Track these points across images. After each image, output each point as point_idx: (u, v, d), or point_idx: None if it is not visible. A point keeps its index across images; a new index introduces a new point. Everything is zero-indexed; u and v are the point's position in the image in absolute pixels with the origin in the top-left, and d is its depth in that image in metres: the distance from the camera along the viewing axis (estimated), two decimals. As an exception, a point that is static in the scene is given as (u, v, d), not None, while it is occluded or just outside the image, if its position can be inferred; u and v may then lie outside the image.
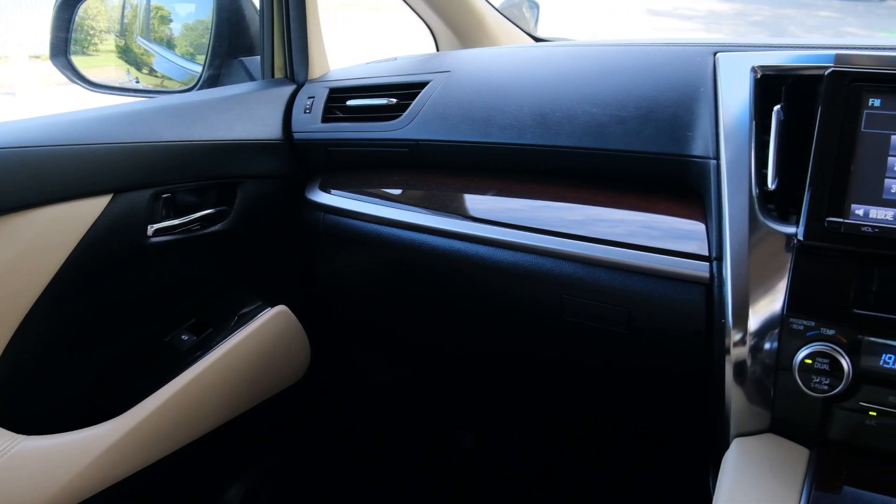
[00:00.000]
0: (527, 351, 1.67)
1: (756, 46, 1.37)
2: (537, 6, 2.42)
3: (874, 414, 1.17)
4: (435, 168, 1.66)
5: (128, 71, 2.24)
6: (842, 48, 1.28)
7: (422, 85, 1.69)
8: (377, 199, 1.69)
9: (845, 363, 1.13)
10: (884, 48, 1.30)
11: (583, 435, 2.05)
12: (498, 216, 1.51)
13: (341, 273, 1.86)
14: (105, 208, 1.53)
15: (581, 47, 1.68)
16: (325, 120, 1.78)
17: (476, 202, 1.57)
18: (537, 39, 2.26)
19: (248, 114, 1.76)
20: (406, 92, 1.70)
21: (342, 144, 1.75)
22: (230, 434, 1.81)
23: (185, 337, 1.73)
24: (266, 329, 1.79)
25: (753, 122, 1.26)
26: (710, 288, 1.27)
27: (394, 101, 1.71)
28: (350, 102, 1.77)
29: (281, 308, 1.82)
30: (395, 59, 1.95)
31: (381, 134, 1.69)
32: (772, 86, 1.28)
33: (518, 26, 2.26)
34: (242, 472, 2.02)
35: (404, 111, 1.67)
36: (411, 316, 1.82)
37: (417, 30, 2.22)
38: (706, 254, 1.29)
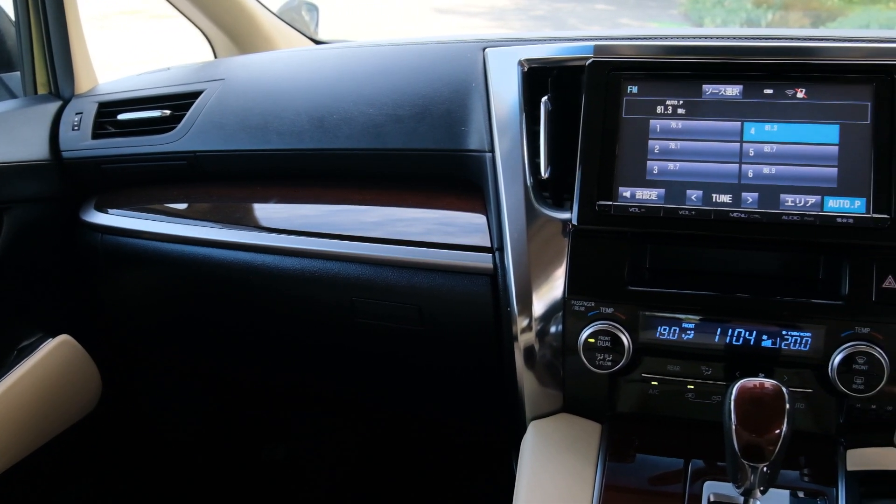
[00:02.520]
0: (324, 356, 1.65)
1: (523, 40, 1.41)
2: (316, 8, 2.40)
3: (656, 383, 1.23)
4: (216, 179, 1.61)
5: None
6: (601, 39, 1.34)
7: (196, 94, 1.63)
8: (158, 216, 1.62)
9: (625, 339, 1.18)
10: (640, 38, 1.37)
11: (393, 432, 2.05)
12: (284, 224, 1.48)
13: (126, 296, 1.78)
14: None
15: (358, 48, 1.68)
16: (95, 136, 1.70)
17: (261, 211, 1.54)
18: (318, 42, 2.24)
19: (10, 135, 1.65)
20: (180, 103, 1.65)
21: (115, 161, 1.67)
22: (21, 475, 1.70)
23: None
24: (49, 361, 1.68)
25: (523, 114, 1.30)
26: (494, 278, 1.30)
27: (167, 112, 1.65)
28: (121, 116, 1.69)
29: (64, 338, 1.72)
30: (168, 69, 1.88)
31: (156, 147, 1.62)
32: (539, 78, 1.32)
33: (297, 29, 2.23)
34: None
35: (179, 123, 1.62)
36: (203, 333, 1.76)
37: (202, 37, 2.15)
38: (489, 245, 1.31)
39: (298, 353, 1.69)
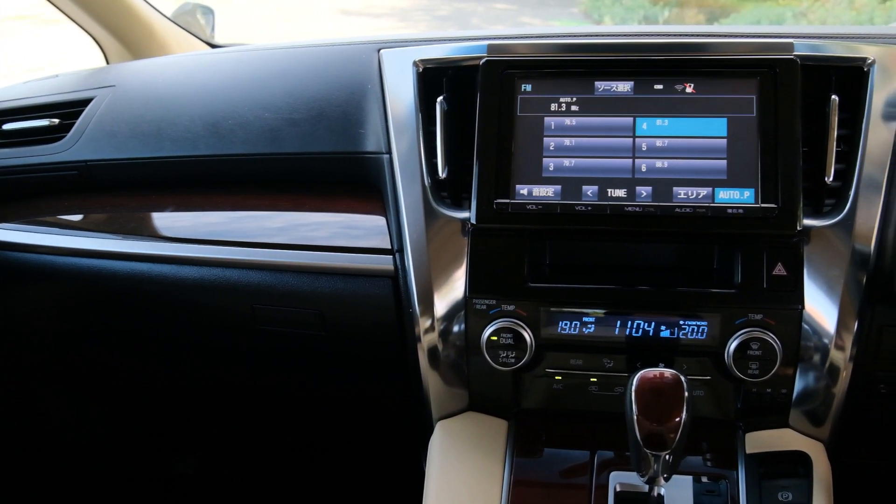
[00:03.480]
0: (227, 365, 1.63)
1: (417, 41, 1.41)
2: (212, 11, 2.36)
3: (560, 378, 1.25)
4: (110, 189, 1.56)
5: None
6: (495, 38, 1.35)
7: (85, 102, 1.58)
8: (50, 229, 1.57)
9: (527, 335, 1.19)
10: (533, 36, 1.38)
11: (304, 439, 2.03)
12: (181, 232, 1.45)
13: (17, 313, 1.71)
14: None
15: (252, 52, 1.65)
16: None
17: (157, 220, 1.50)
18: (214, 46, 2.20)
19: None
20: (69, 111, 1.59)
21: (2, 173, 1.61)
22: None
23: None
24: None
25: (419, 115, 1.30)
26: (395, 280, 1.30)
27: (56, 121, 1.59)
28: (6, 126, 1.63)
29: None
30: (57, 76, 1.82)
31: (45, 158, 1.56)
32: (434, 78, 1.32)
33: (193, 34, 2.18)
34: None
35: (69, 132, 1.56)
36: (103, 346, 1.71)
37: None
38: (389, 247, 1.31)
39: (201, 363, 1.66)
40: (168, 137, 1.46)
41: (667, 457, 1.03)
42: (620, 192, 1.18)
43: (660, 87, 1.21)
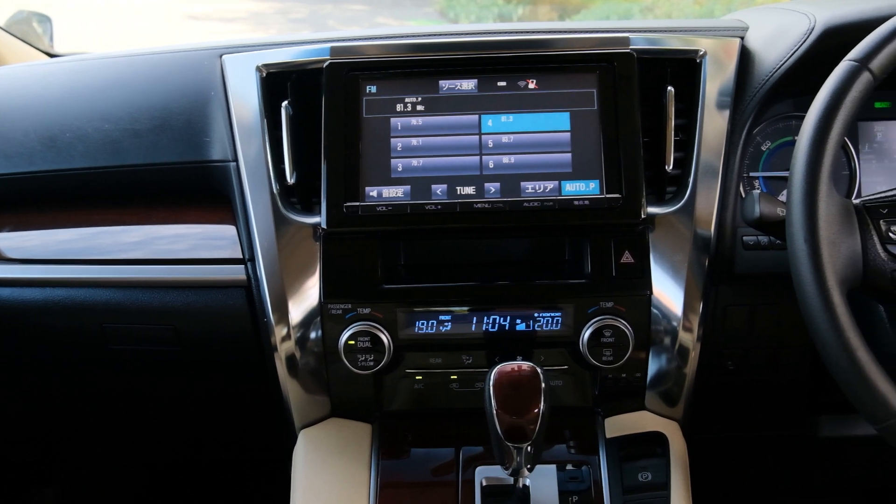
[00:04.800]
0: (80, 388, 1.56)
1: (260, 45, 1.39)
2: (49, 20, 2.26)
3: (420, 378, 1.25)
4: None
5: None
6: (339, 40, 1.33)
7: None
8: None
9: (385, 337, 1.18)
10: (377, 37, 1.38)
11: (169, 456, 1.96)
12: (17, 253, 1.38)
13: None
14: None
15: (90, 60, 1.58)
16: None
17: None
18: (53, 55, 2.10)
19: None
20: None
21: None
22: None
23: None
24: None
25: (265, 121, 1.27)
26: (249, 289, 1.27)
27: None
28: None
29: None
30: None
31: None
32: (278, 83, 1.30)
33: (29, 43, 2.09)
34: None
35: None
36: None
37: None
38: (240, 256, 1.28)
39: (52, 388, 1.58)
40: (1, 154, 1.39)
41: (528, 448, 1.05)
42: (469, 190, 1.19)
43: (503, 84, 1.23)
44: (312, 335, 1.22)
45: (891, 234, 0.99)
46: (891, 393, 0.92)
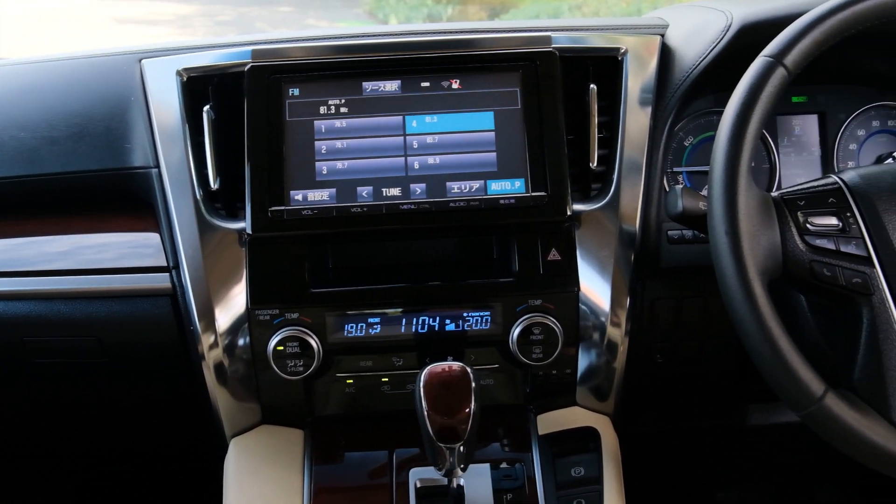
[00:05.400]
0: (3, 405, 1.51)
1: (180, 49, 1.36)
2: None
3: (351, 381, 1.24)
4: None
5: None
6: (261, 43, 1.32)
7: None
8: None
9: (314, 342, 1.17)
10: (299, 39, 1.36)
11: (100, 470, 1.92)
12: None
13: None
14: None
15: (6, 66, 1.54)
16: None
17: None
18: (-32, 63, 2.04)
19: None
20: None
21: None
22: None
23: None
24: None
25: (186, 126, 1.25)
26: (175, 297, 1.25)
27: None
28: None
29: None
30: None
31: None
32: (199, 87, 1.28)
33: (-58, 50, 2.02)
34: None
35: None
36: None
37: None
38: (165, 264, 1.26)
39: None
40: None
41: (461, 448, 1.05)
42: (395, 191, 1.19)
43: (427, 84, 1.23)
44: (240, 342, 1.20)
45: (808, 226, 1.01)
46: (812, 380, 0.93)
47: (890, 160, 1.36)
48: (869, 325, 0.98)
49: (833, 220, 1.02)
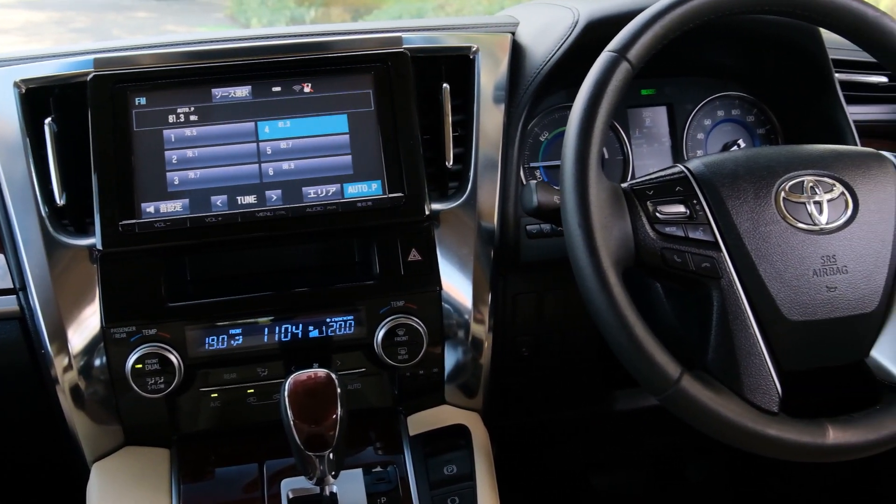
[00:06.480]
0: None
1: (17, 59, 1.30)
2: None
3: (216, 395, 1.21)
4: None
5: None
6: (103, 51, 1.28)
7: None
8: None
9: (174, 358, 1.14)
10: (145, 46, 1.32)
11: None
12: None
13: None
14: None
15: None
16: None
17: None
18: None
19: None
20: None
21: None
22: None
23: None
24: None
25: (27, 140, 1.20)
26: (24, 320, 1.20)
27: None
28: None
29: None
30: None
31: None
32: (40, 98, 1.22)
33: None
34: None
35: None
36: None
37: None
38: (11, 286, 1.20)
39: None
40: None
41: (330, 455, 1.04)
42: (250, 199, 1.17)
43: (278, 89, 1.21)
44: (97, 362, 1.16)
45: (658, 215, 1.04)
46: (668, 364, 0.96)
47: (735, 147, 1.42)
48: (719, 307, 1.02)
49: (681, 208, 1.05)
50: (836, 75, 1.40)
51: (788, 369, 1.01)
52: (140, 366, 1.13)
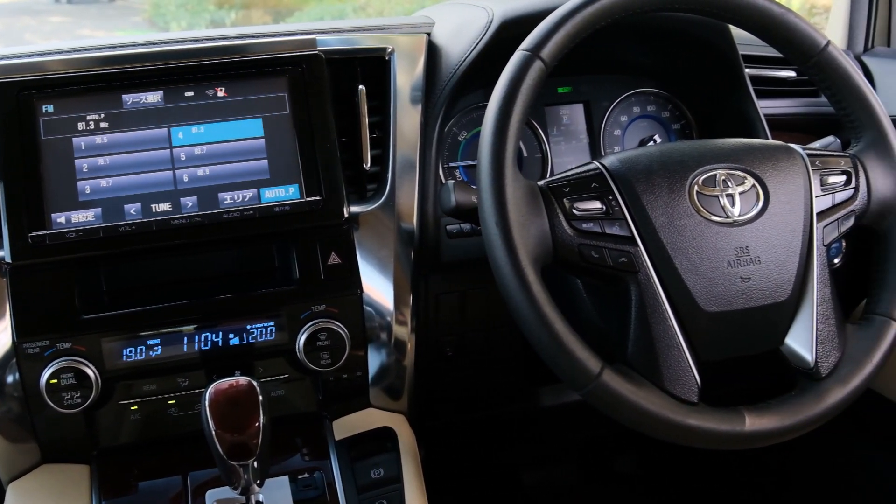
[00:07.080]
0: None
1: None
2: None
3: (136, 408, 1.19)
4: None
5: None
6: (6, 57, 1.24)
7: None
8: None
9: (91, 371, 1.11)
10: (50, 52, 1.29)
11: None
12: None
13: None
14: None
15: None
16: None
17: None
18: None
19: None
20: None
21: None
22: None
23: None
24: None
25: None
26: None
27: None
28: None
29: None
30: None
31: None
32: None
33: None
34: None
35: None
36: None
37: None
38: None
39: None
40: None
41: (254, 464, 1.02)
42: (165, 206, 1.15)
43: (190, 93, 1.19)
44: (10, 379, 1.13)
45: (574, 211, 1.05)
46: (588, 359, 0.97)
47: (651, 143, 1.45)
48: (637, 300, 1.03)
49: (597, 204, 1.06)
50: (747, 70, 1.44)
51: (706, 359, 1.03)
52: (55, 381, 1.10)
